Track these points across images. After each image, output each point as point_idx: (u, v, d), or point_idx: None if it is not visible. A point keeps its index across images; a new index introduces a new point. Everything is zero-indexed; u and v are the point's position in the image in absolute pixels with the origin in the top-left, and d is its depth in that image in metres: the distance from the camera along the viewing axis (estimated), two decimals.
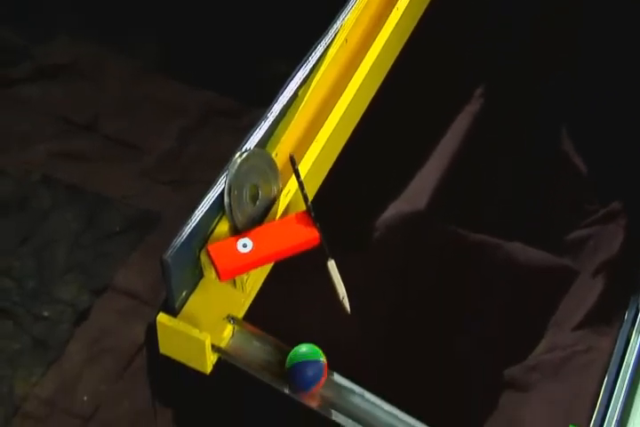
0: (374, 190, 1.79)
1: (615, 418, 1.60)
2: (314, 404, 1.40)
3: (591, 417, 1.63)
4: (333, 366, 1.43)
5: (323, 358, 1.40)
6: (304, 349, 1.40)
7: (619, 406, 1.62)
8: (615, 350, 1.75)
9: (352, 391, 1.40)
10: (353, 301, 1.48)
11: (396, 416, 1.40)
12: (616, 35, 2.04)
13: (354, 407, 1.39)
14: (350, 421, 1.36)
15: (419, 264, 1.77)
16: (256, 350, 1.41)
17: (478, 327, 1.76)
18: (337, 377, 1.41)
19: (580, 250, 1.93)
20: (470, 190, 1.86)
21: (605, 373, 1.70)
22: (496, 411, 1.67)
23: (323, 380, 1.40)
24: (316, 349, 1.41)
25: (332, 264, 1.48)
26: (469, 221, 1.82)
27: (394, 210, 1.77)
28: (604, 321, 1.79)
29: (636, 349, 1.72)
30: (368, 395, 1.40)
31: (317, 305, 1.57)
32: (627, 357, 1.71)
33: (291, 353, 1.40)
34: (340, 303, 1.45)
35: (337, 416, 1.37)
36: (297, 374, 1.39)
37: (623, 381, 1.66)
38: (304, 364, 1.39)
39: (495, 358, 1.72)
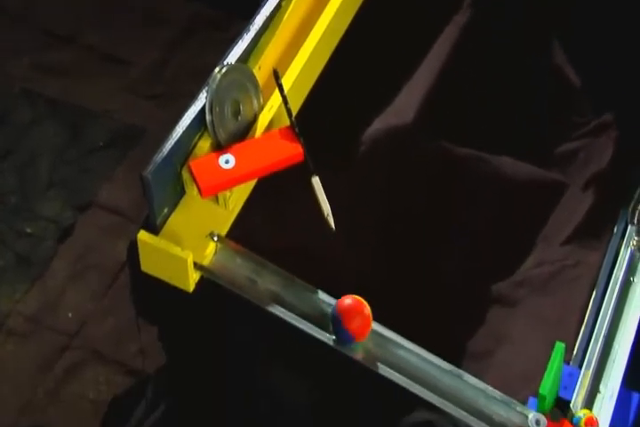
0: (360, 104, 1.71)
1: (603, 333, 1.55)
2: None
3: (579, 332, 1.59)
4: (319, 283, 1.39)
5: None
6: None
7: (606, 320, 1.57)
8: (604, 265, 1.70)
9: None
10: (338, 217, 1.43)
11: (382, 335, 1.36)
12: None
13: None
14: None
15: (405, 178, 1.71)
16: (239, 267, 1.36)
17: (465, 243, 1.71)
18: (322, 295, 1.36)
19: (569, 163, 1.87)
20: (458, 104, 1.78)
21: (594, 287, 1.65)
22: (483, 327, 1.63)
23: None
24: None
25: (316, 181, 1.42)
26: (457, 134, 1.75)
27: (380, 124, 1.69)
28: (593, 235, 1.74)
29: (625, 263, 1.67)
30: None
31: (302, 222, 1.52)
32: (615, 271, 1.66)
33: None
34: (325, 220, 1.40)
35: (315, 331, 1.33)
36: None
37: (611, 295, 1.61)
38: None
39: (482, 273, 1.68)
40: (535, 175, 1.81)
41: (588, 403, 1.47)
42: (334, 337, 1.34)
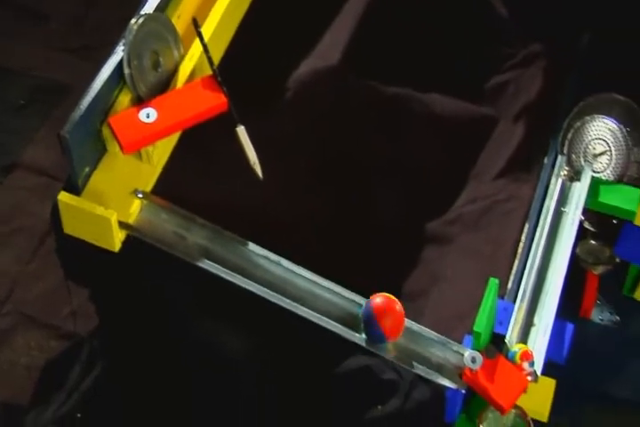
0: (284, 48, 1.65)
1: (536, 265, 1.53)
2: None
3: (512, 266, 1.57)
4: (249, 232, 1.36)
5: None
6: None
7: (539, 252, 1.55)
8: (535, 197, 1.67)
9: (268, 259, 1.33)
10: (269, 165, 1.39)
11: (314, 282, 1.33)
12: None
13: (269, 275, 1.32)
14: (265, 289, 1.30)
15: (334, 121, 1.66)
16: (166, 223, 1.32)
17: (397, 183, 1.67)
18: (252, 246, 1.33)
19: (499, 96, 1.83)
20: (385, 42, 1.73)
21: (526, 220, 1.63)
22: (418, 266, 1.60)
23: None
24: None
25: (241, 130, 1.37)
26: (385, 73, 1.70)
27: (306, 67, 1.63)
28: (524, 168, 1.71)
29: (556, 194, 1.64)
30: (285, 262, 1.33)
31: (229, 173, 1.47)
32: (546, 202, 1.64)
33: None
34: (252, 169, 1.36)
35: (247, 283, 1.29)
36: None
37: (543, 227, 1.59)
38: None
39: (416, 212, 1.65)
40: (465, 111, 1.77)
41: (524, 336, 1.45)
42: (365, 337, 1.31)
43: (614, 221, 1.73)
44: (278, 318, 1.32)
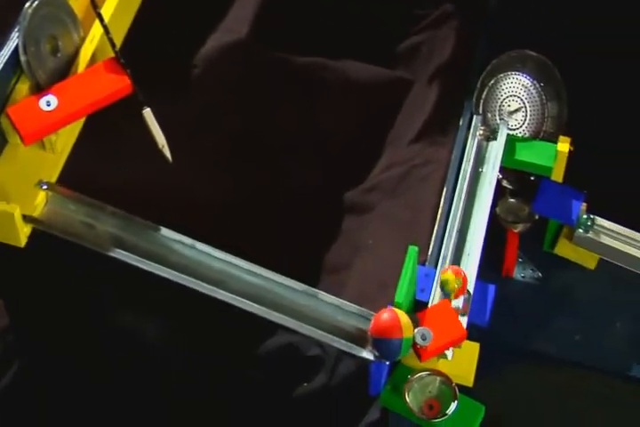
0: (189, 25, 1.58)
1: (455, 228, 1.47)
2: None
3: (432, 231, 1.53)
4: (162, 216, 1.29)
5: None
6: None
7: (458, 215, 1.49)
8: (452, 160, 1.63)
9: (182, 243, 1.27)
10: (182, 146, 1.32)
11: (230, 263, 1.28)
12: None
13: (185, 259, 1.26)
14: (181, 275, 1.24)
15: (245, 95, 1.60)
16: (73, 213, 1.25)
17: (312, 153, 1.63)
18: (165, 231, 1.27)
19: (413, 58, 1.78)
20: (294, 11, 1.67)
21: (444, 183, 1.60)
22: (339, 237, 1.56)
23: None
24: None
25: (147, 112, 1.30)
26: (296, 44, 1.65)
27: (213, 42, 1.57)
28: (440, 131, 1.67)
29: (473, 154, 1.59)
30: (200, 245, 1.27)
31: (139, 157, 1.40)
32: (464, 164, 1.57)
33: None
34: (160, 153, 1.30)
35: (162, 270, 1.22)
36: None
37: (461, 189, 1.52)
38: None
39: (333, 183, 1.60)
40: (380, 75, 1.72)
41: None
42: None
43: (532, 178, 1.70)
44: (198, 301, 1.27)
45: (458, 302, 1.39)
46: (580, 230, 1.65)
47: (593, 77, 1.79)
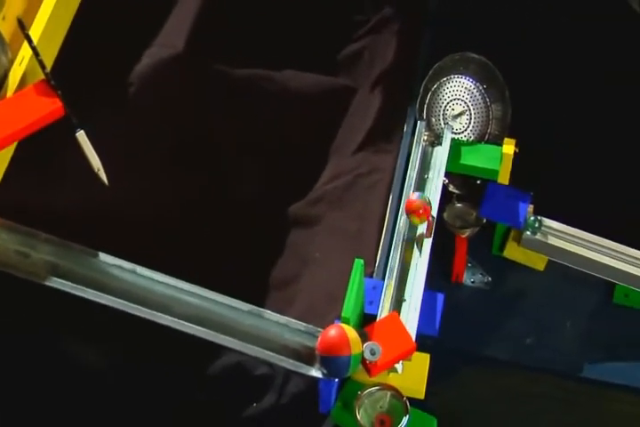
0: (123, 41, 1.52)
1: (402, 238, 1.43)
2: None
3: (380, 241, 1.50)
4: (102, 240, 1.25)
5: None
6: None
7: (404, 224, 1.43)
8: (397, 167, 1.60)
9: (121, 268, 1.22)
10: (116, 168, 1.27)
11: (173, 286, 1.23)
12: None
13: (125, 284, 1.22)
14: (122, 301, 1.19)
15: (186, 109, 1.55)
16: (6, 243, 1.20)
17: (258, 165, 1.58)
18: (104, 256, 1.22)
19: (355, 65, 1.74)
20: (232, 22, 1.61)
21: (390, 192, 1.56)
22: (287, 251, 1.52)
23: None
24: None
25: (81, 135, 1.26)
26: (233, 56, 1.59)
27: (149, 59, 1.51)
28: (384, 138, 1.63)
29: (418, 161, 1.55)
30: (140, 269, 1.23)
31: (74, 182, 1.35)
32: (409, 171, 1.54)
33: None
34: (97, 176, 1.25)
35: (101, 297, 1.18)
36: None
37: (408, 196, 1.46)
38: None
39: (280, 194, 1.56)
40: (321, 84, 1.68)
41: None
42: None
43: (478, 182, 1.67)
44: (141, 325, 1.23)
45: (422, 228, 1.41)
46: (528, 233, 1.62)
47: (536, 78, 1.76)
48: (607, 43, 1.80)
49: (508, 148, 1.64)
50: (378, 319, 1.32)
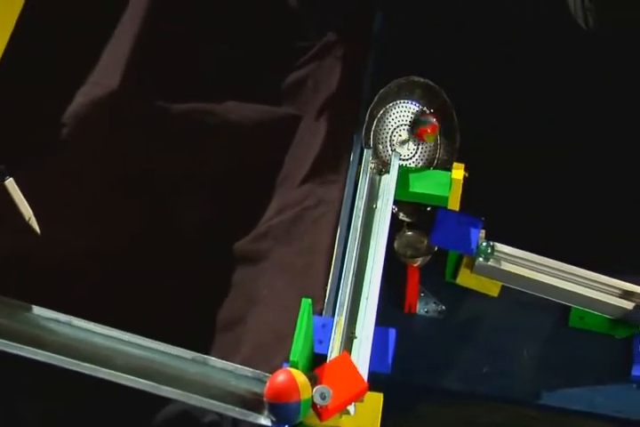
0: (52, 81, 1.44)
1: (352, 271, 1.39)
2: None
3: (328, 276, 1.43)
4: (36, 294, 1.18)
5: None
6: None
7: (354, 256, 1.41)
8: (345, 197, 1.54)
9: (57, 321, 1.15)
10: (52, 211, 1.21)
11: (112, 337, 1.17)
12: None
13: (62, 338, 1.15)
14: (59, 357, 1.12)
15: (126, 148, 1.48)
16: None
17: (202, 200, 1.51)
18: (38, 310, 1.15)
19: (299, 93, 1.67)
20: (168, 56, 1.54)
21: (338, 224, 1.49)
22: (234, 290, 1.45)
23: None
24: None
25: (10, 182, 1.20)
26: (172, 90, 1.53)
27: (83, 98, 1.43)
28: (330, 169, 1.56)
29: (365, 190, 1.50)
30: (77, 322, 1.16)
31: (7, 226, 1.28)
32: (357, 201, 1.49)
33: None
34: (28, 225, 1.18)
35: (37, 354, 1.11)
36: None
37: (356, 229, 1.44)
38: None
39: (224, 230, 1.49)
40: (264, 114, 1.61)
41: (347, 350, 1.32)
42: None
43: (428, 209, 1.62)
44: (82, 377, 1.16)
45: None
46: (481, 259, 1.58)
47: (483, 99, 1.71)
48: (548, 58, 1.77)
49: (458, 173, 1.59)
50: (328, 360, 1.26)
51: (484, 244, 1.57)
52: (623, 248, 1.65)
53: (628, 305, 1.56)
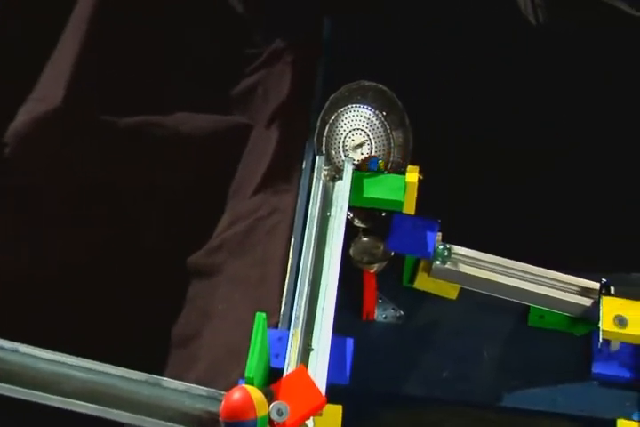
0: None
1: (307, 281, 1.35)
2: None
3: (283, 288, 1.40)
4: None
5: None
6: None
7: (308, 266, 1.37)
8: (298, 205, 1.50)
9: (2, 348, 1.11)
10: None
11: (61, 362, 1.13)
12: None
13: (7, 366, 1.10)
14: (6, 385, 1.08)
15: (76, 164, 1.43)
16: None
17: (153, 214, 1.47)
18: None
19: (250, 101, 1.65)
20: (112, 70, 1.49)
21: (291, 234, 1.46)
22: (188, 305, 1.41)
23: None
24: None
25: None
26: (120, 103, 1.48)
27: (25, 115, 1.39)
28: (283, 178, 1.53)
29: (319, 197, 1.46)
30: (24, 348, 1.12)
31: None
32: (310, 209, 1.45)
33: None
34: None
35: None
36: None
37: (310, 238, 1.40)
38: None
39: (176, 244, 1.45)
40: (215, 123, 1.58)
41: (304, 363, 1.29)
42: None
43: (383, 214, 1.59)
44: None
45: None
46: (438, 262, 1.55)
47: (435, 102, 1.68)
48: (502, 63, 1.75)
49: (412, 176, 1.56)
50: (285, 374, 1.23)
51: (441, 246, 1.54)
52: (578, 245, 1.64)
53: (587, 302, 1.55)
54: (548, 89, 1.69)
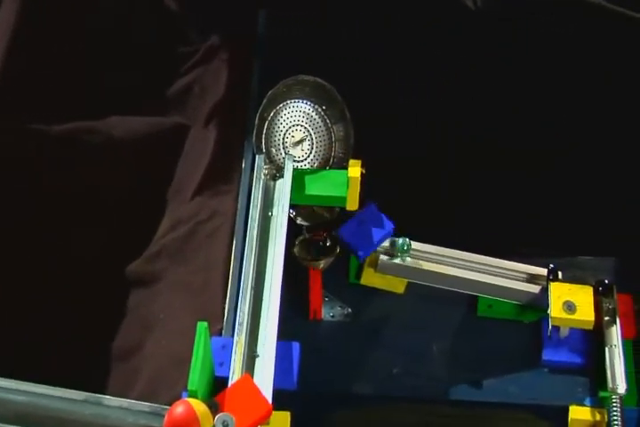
0: None
1: (250, 285, 1.28)
2: None
3: (226, 293, 1.34)
4: None
5: None
6: None
7: (251, 269, 1.30)
8: (239, 207, 1.45)
9: None
10: None
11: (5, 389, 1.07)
12: None
13: None
14: None
15: (7, 176, 1.36)
16: None
17: (91, 222, 1.41)
18: None
19: (186, 100, 1.59)
20: (38, 75, 1.42)
21: (233, 237, 1.41)
22: (129, 316, 1.35)
23: None
24: None
25: None
26: (48, 111, 1.42)
27: None
28: (222, 179, 1.47)
29: (260, 198, 1.39)
30: None
31: None
32: (251, 210, 1.38)
33: None
34: None
35: None
36: None
37: (252, 240, 1.34)
38: None
39: (115, 251, 1.40)
40: (150, 125, 1.52)
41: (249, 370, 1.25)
42: None
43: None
44: None
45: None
46: (383, 257, 1.51)
47: (375, 94, 1.63)
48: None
49: (354, 170, 1.51)
50: (230, 384, 1.19)
51: (401, 241, 1.49)
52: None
53: (535, 289, 1.52)
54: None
